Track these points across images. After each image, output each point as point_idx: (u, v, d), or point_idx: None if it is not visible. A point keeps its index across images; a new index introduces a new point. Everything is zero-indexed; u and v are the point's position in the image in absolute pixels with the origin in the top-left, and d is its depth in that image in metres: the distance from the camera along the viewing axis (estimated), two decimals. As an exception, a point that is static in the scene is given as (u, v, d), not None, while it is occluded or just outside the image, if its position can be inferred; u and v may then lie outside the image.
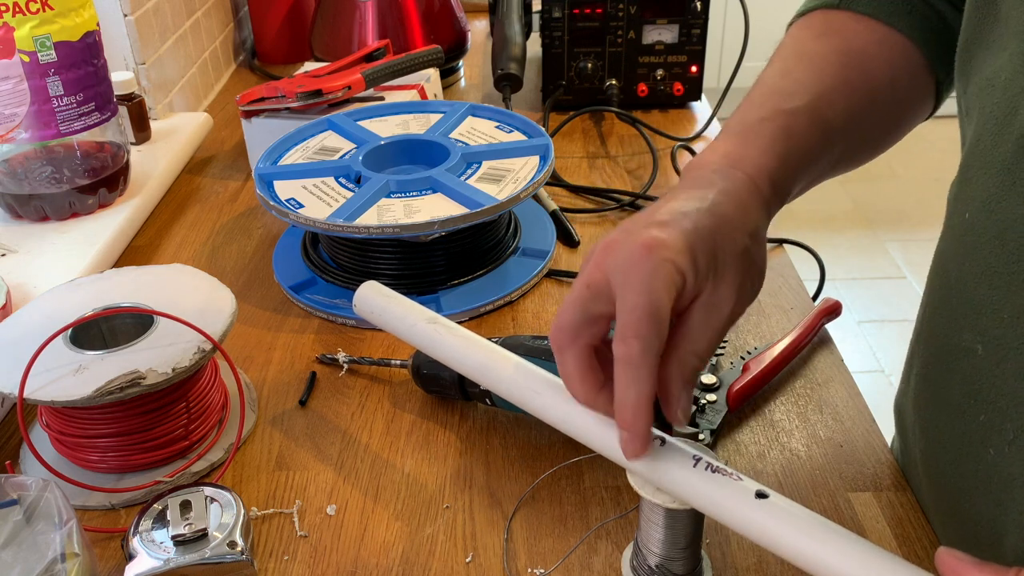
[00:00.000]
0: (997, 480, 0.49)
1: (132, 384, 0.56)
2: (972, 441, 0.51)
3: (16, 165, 0.87)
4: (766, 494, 0.42)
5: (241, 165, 1.06)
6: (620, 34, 1.11)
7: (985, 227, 0.48)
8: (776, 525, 0.41)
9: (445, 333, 0.55)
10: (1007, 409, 0.47)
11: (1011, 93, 0.46)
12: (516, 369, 0.51)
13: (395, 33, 1.20)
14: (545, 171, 0.79)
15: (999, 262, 0.47)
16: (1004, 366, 0.47)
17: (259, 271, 0.85)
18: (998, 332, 0.47)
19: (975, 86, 0.51)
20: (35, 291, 0.76)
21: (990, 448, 0.49)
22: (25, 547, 0.47)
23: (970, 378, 0.50)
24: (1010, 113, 0.46)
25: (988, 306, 0.48)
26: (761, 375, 0.66)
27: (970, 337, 0.50)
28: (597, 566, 0.54)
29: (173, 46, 1.14)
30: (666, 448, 0.45)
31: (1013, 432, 0.47)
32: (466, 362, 0.53)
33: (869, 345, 2.37)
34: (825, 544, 0.40)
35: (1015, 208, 0.45)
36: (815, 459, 0.61)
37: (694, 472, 0.44)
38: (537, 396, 0.49)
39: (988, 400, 0.49)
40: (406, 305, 0.58)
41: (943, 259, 0.54)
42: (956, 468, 0.53)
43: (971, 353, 0.50)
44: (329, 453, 0.63)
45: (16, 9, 0.79)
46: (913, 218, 2.93)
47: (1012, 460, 0.47)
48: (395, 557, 0.55)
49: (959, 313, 0.51)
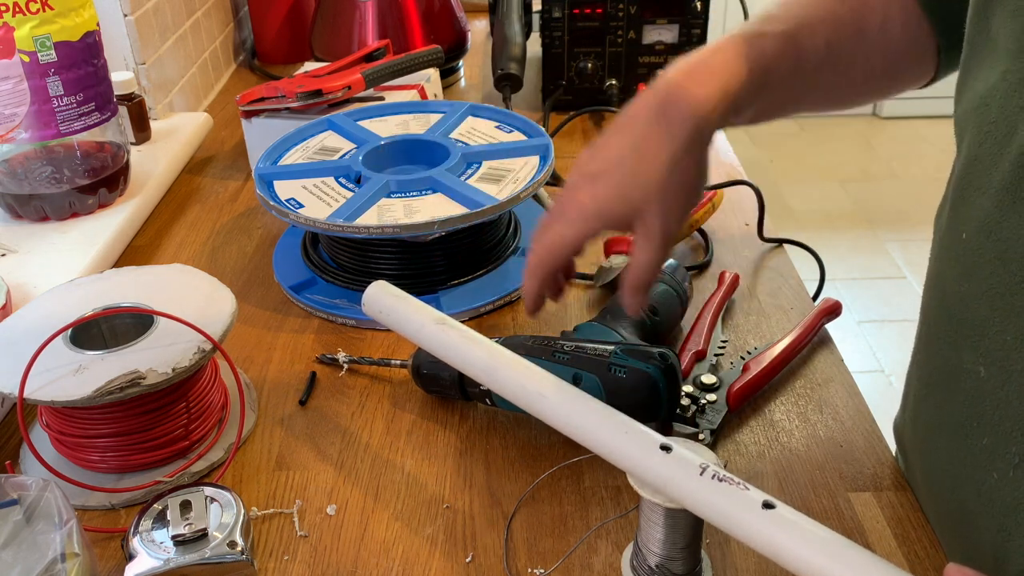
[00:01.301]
0: (1000, 505, 0.48)
1: (132, 384, 0.56)
2: (975, 465, 0.50)
3: (16, 165, 0.87)
4: (773, 504, 0.42)
5: (241, 165, 1.06)
6: (620, 34, 1.11)
7: (985, 248, 0.47)
8: (782, 536, 0.41)
9: (453, 335, 0.55)
10: (1012, 432, 0.46)
11: (1007, 112, 0.46)
12: (522, 372, 0.51)
13: (395, 33, 1.20)
14: (545, 171, 0.79)
15: (1001, 283, 0.46)
16: (1008, 388, 0.46)
17: (259, 271, 0.85)
18: (1001, 354, 0.46)
19: (968, 102, 0.50)
20: (35, 291, 0.76)
21: (993, 472, 0.48)
22: (25, 547, 0.47)
23: (972, 400, 0.49)
24: (1008, 133, 0.45)
25: (990, 328, 0.47)
26: (761, 375, 0.66)
27: (971, 358, 0.49)
28: (597, 566, 0.54)
29: (173, 46, 1.14)
30: (672, 456, 0.45)
31: (1018, 456, 0.46)
32: (473, 364, 0.53)
33: (869, 345, 2.37)
34: (831, 557, 0.39)
35: (1016, 229, 0.45)
36: (815, 459, 0.61)
37: (701, 481, 0.44)
38: (543, 400, 0.49)
39: (992, 423, 0.48)
40: (415, 306, 0.58)
41: (940, 280, 0.54)
42: (958, 492, 0.52)
43: (973, 375, 0.49)
44: (329, 453, 0.63)
45: (16, 9, 0.79)
46: (913, 218, 2.93)
47: (1017, 484, 0.46)
48: (395, 557, 0.55)
49: (960, 334, 0.50)
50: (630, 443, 0.46)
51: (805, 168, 3.22)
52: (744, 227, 0.89)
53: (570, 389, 0.50)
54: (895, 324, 2.44)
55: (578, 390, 0.50)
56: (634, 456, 0.46)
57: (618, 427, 0.47)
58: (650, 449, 0.45)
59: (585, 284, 0.81)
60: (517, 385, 0.51)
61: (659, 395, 0.58)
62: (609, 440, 0.47)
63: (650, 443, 0.46)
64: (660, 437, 0.46)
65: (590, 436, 0.48)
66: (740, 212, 0.91)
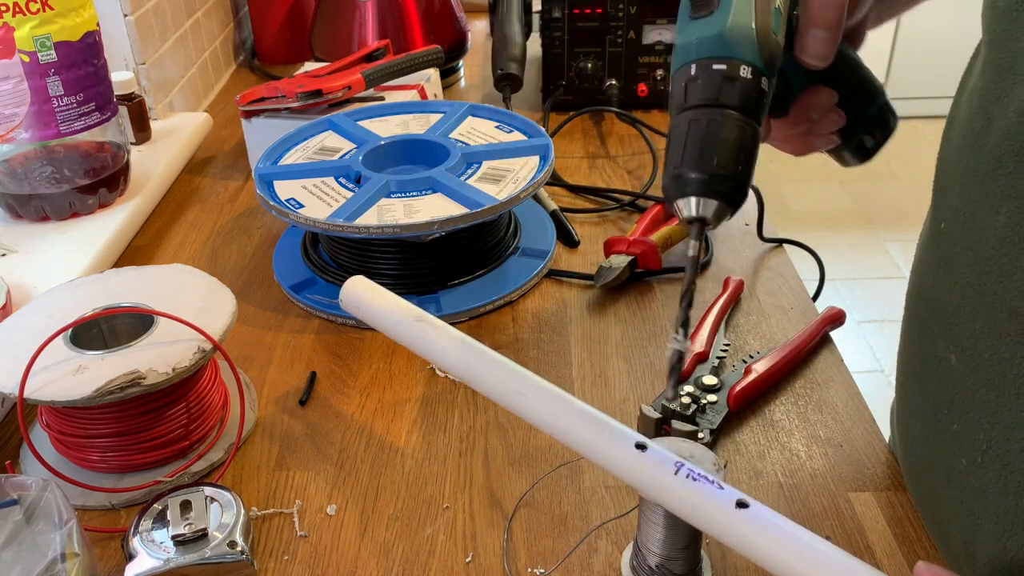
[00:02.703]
0: (969, 491, 0.48)
1: (132, 384, 0.56)
2: (945, 451, 0.51)
3: (16, 165, 0.87)
4: (747, 503, 0.42)
5: (241, 165, 1.06)
6: (620, 34, 1.11)
7: (959, 238, 0.48)
8: (755, 534, 0.41)
9: (431, 331, 0.54)
10: (979, 419, 0.47)
11: (985, 103, 0.46)
12: (501, 369, 0.51)
13: (395, 33, 1.20)
14: (545, 171, 0.79)
15: (971, 272, 0.47)
16: (976, 376, 0.47)
17: (259, 271, 0.85)
18: (970, 343, 0.47)
19: (961, 95, 0.51)
20: (35, 291, 0.76)
21: (962, 458, 0.49)
22: (25, 547, 0.47)
23: (944, 388, 0.50)
24: (986, 124, 0.46)
25: (961, 316, 0.48)
26: (762, 379, 0.66)
27: (944, 347, 0.50)
28: (597, 566, 0.54)
29: (173, 46, 1.14)
30: (647, 455, 0.45)
31: (985, 443, 0.46)
32: (451, 360, 0.53)
33: (869, 345, 2.37)
34: (801, 555, 0.40)
35: (987, 219, 0.45)
36: (815, 459, 0.61)
37: (675, 480, 0.44)
38: (521, 397, 0.49)
39: (961, 410, 0.49)
40: (392, 302, 0.58)
41: (920, 269, 0.55)
42: (931, 477, 0.53)
43: (945, 363, 0.50)
44: (329, 453, 0.63)
45: (16, 9, 0.79)
46: (913, 218, 2.93)
47: (985, 471, 0.47)
48: (395, 557, 0.55)
49: (934, 323, 0.51)
50: (606, 440, 0.46)
51: (805, 168, 3.22)
52: (744, 227, 0.89)
53: (548, 387, 0.50)
54: (895, 324, 2.43)
55: (556, 388, 0.50)
56: (609, 453, 0.46)
57: (594, 425, 0.47)
58: (625, 447, 0.46)
59: (585, 284, 0.81)
60: (495, 382, 0.51)
61: None
62: (585, 437, 0.47)
63: (626, 441, 0.46)
64: (637, 435, 0.46)
65: (566, 433, 0.48)
66: (740, 212, 0.91)
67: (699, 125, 0.45)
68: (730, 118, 0.45)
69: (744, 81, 0.45)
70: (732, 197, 0.45)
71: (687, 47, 0.46)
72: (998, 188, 0.45)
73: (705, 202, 0.45)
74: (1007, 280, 0.44)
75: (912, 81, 3.37)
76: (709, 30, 0.46)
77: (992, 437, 0.46)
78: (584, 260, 0.85)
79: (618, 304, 0.78)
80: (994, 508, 0.46)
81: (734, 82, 0.45)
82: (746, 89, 0.45)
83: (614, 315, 0.77)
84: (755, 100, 0.45)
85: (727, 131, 0.45)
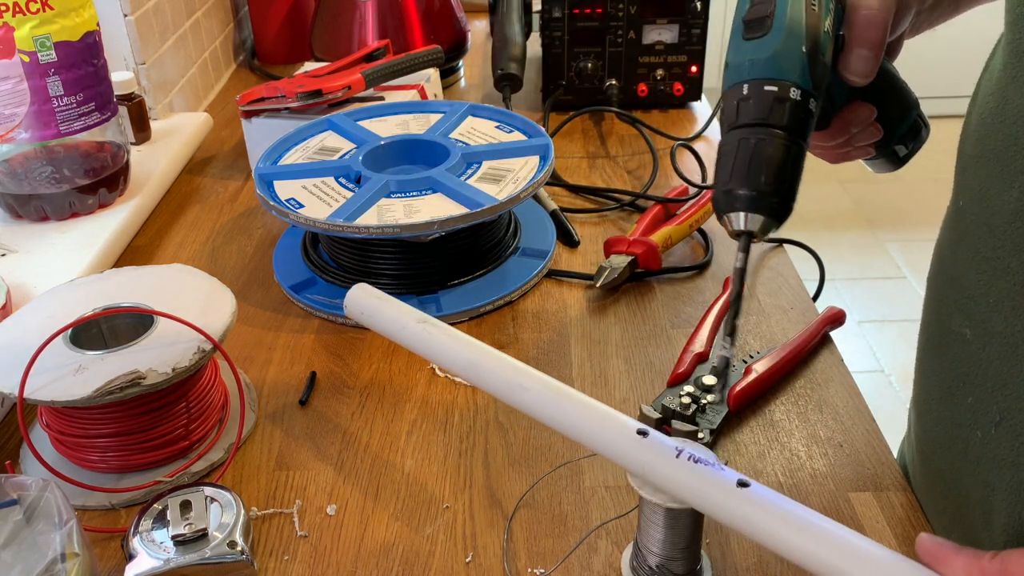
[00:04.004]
0: (985, 462, 0.50)
1: (132, 384, 0.56)
2: (961, 424, 0.52)
3: (16, 165, 0.87)
4: (748, 483, 0.43)
5: (241, 165, 1.06)
6: (620, 34, 1.11)
7: (976, 215, 0.49)
8: (756, 513, 0.42)
9: (435, 333, 0.55)
10: (993, 392, 0.48)
11: (1003, 83, 0.47)
12: (503, 367, 0.52)
13: (395, 33, 1.20)
14: (545, 171, 0.79)
15: (987, 248, 0.48)
16: (989, 350, 0.48)
17: (259, 271, 0.85)
18: (984, 316, 0.48)
19: (985, 74, 0.52)
20: (35, 291, 0.76)
21: (977, 430, 0.50)
22: (25, 547, 0.47)
23: (959, 361, 0.52)
24: (1002, 102, 0.47)
25: (976, 291, 0.49)
26: (762, 379, 0.66)
27: (960, 321, 0.51)
28: (597, 566, 0.54)
29: (173, 46, 1.14)
30: (648, 441, 0.46)
31: (999, 414, 0.48)
32: (456, 361, 0.54)
33: (869, 345, 2.37)
34: (802, 531, 0.41)
35: (1001, 195, 0.46)
36: (815, 459, 0.61)
37: (677, 463, 0.45)
38: (525, 392, 0.50)
39: (975, 383, 0.50)
40: (395, 306, 0.59)
41: (940, 247, 0.56)
42: (947, 450, 0.54)
43: (960, 337, 0.51)
44: (329, 453, 0.63)
45: (16, 9, 0.79)
46: (913, 218, 2.93)
47: (999, 442, 0.48)
48: (395, 557, 0.55)
49: (951, 298, 0.53)
50: (608, 429, 0.47)
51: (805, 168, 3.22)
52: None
53: (551, 382, 0.51)
54: (895, 324, 2.44)
55: (559, 383, 0.51)
56: (612, 441, 0.47)
57: (596, 415, 0.48)
58: (627, 434, 0.47)
59: (585, 284, 0.81)
60: (499, 379, 0.52)
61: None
62: (588, 427, 0.48)
63: (627, 429, 0.47)
64: (638, 423, 0.47)
65: (570, 425, 0.49)
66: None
67: (748, 144, 0.47)
68: (778, 138, 0.47)
69: (793, 103, 0.47)
70: (778, 212, 0.48)
71: (739, 67, 0.48)
72: (1012, 164, 0.45)
73: (752, 217, 0.48)
74: (1020, 254, 0.45)
75: (912, 81, 3.37)
76: (762, 52, 0.48)
77: (1005, 408, 0.47)
78: (584, 260, 0.85)
79: (618, 304, 0.78)
80: (1008, 478, 0.47)
81: (784, 103, 0.47)
82: (795, 110, 0.47)
83: (614, 315, 0.77)
84: (803, 120, 0.48)
85: (775, 150, 0.47)
